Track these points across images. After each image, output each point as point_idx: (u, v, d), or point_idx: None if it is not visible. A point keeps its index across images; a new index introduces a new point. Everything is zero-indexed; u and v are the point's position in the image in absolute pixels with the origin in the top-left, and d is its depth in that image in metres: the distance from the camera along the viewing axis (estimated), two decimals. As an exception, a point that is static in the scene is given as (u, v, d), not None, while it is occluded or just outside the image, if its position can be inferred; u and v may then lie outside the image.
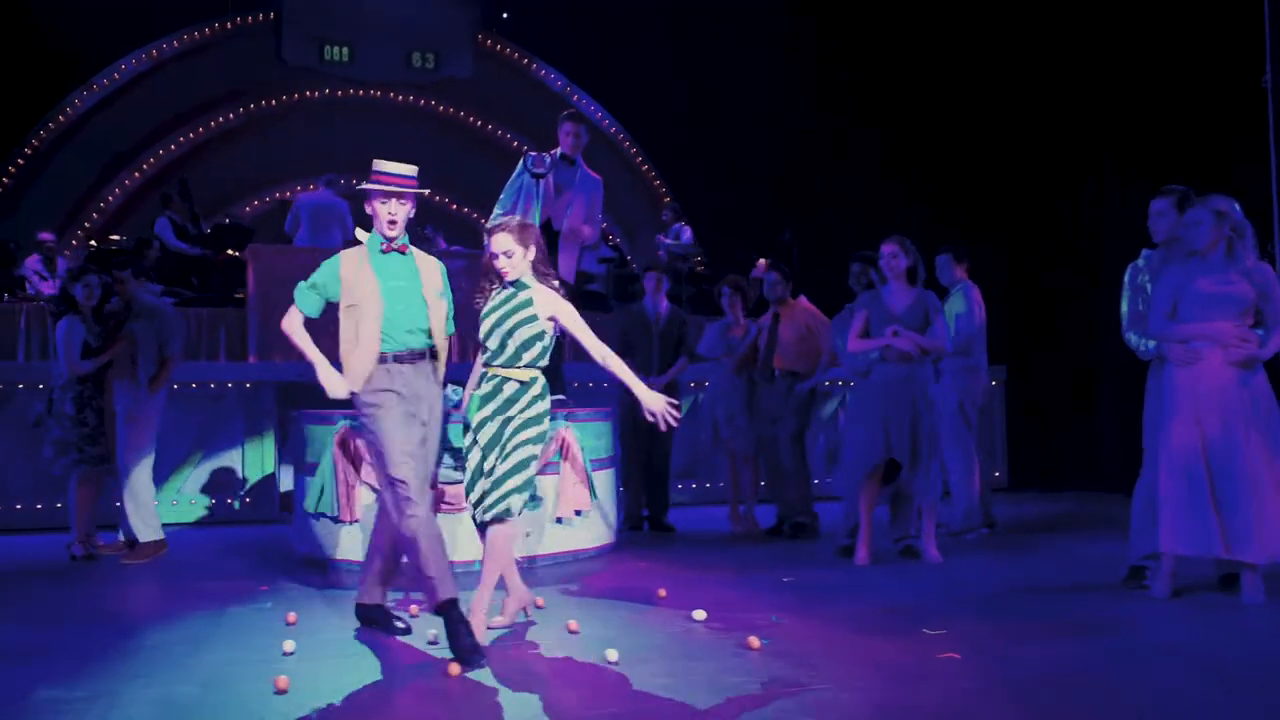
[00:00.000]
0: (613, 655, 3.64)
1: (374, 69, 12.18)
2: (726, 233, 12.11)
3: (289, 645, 3.87)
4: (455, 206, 12.58)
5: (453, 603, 3.78)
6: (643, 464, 7.17)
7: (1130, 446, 8.82)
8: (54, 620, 4.58)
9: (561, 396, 6.36)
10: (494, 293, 4.11)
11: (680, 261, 11.26)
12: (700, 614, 4.27)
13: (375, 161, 4.05)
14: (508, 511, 4.03)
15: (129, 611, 4.90)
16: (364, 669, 3.66)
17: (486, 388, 4.07)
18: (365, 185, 3.98)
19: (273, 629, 4.27)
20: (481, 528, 4.15)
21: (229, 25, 11.95)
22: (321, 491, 5.73)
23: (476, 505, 4.10)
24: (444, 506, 5.64)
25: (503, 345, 4.02)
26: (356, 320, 3.94)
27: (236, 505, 8.16)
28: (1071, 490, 9.04)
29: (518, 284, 4.06)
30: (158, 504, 6.48)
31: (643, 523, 7.21)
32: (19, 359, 8.51)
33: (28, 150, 11.34)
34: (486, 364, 4.11)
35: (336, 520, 5.70)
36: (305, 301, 4.09)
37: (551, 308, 4.03)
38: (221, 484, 8.10)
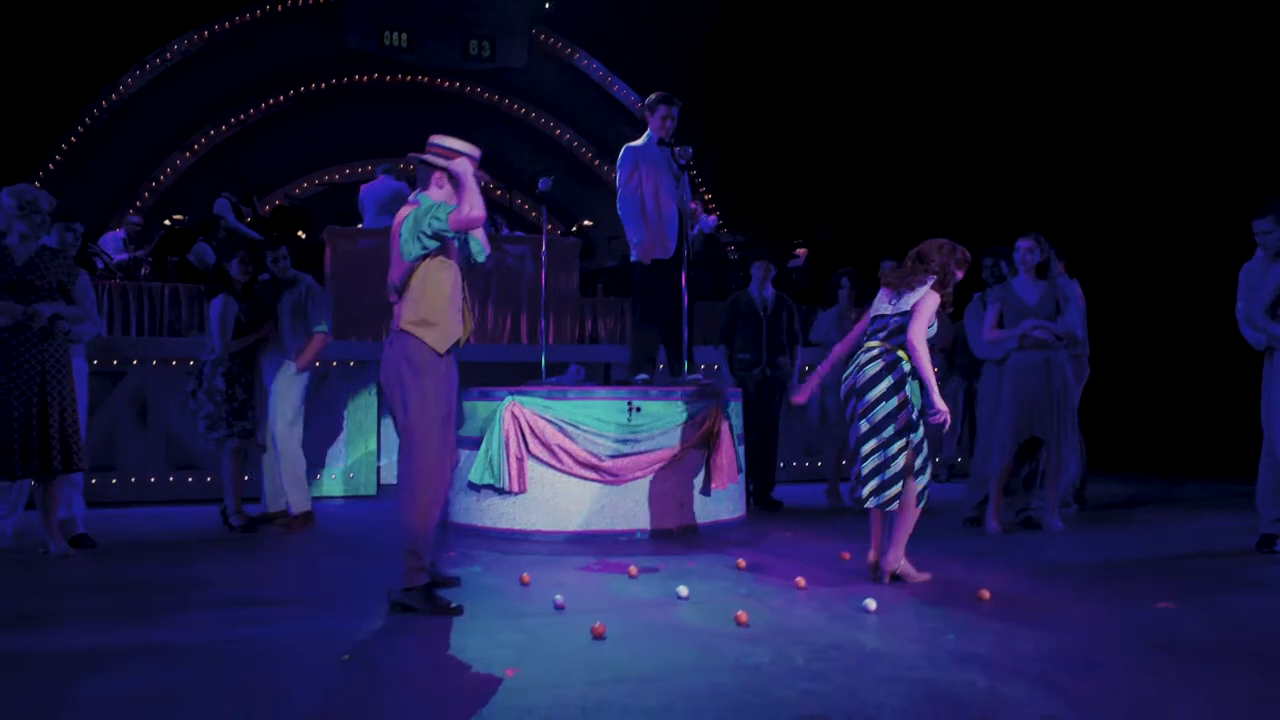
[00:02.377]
0: (871, 605, 4.05)
1: (432, 56, 12.36)
2: (761, 225, 12.54)
3: (560, 599, 4.19)
4: (500, 193, 12.83)
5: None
6: (751, 442, 7.57)
7: (1205, 433, 9.55)
8: (297, 580, 4.86)
9: (700, 376, 6.74)
10: None
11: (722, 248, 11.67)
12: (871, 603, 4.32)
13: (444, 139, 4.21)
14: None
15: (358, 575, 5.13)
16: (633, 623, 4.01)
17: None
18: (465, 152, 4.14)
19: (509, 590, 4.57)
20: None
21: (285, 6, 12.02)
22: (490, 464, 6.04)
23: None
24: (608, 479, 6.01)
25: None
26: (444, 277, 4.10)
27: (339, 482, 8.39)
28: (1139, 474, 9.61)
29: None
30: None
31: (749, 498, 7.61)
32: (103, 333, 8.62)
33: (80, 128, 11.33)
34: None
35: (503, 492, 6.02)
36: (441, 210, 4.04)
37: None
38: (324, 461, 8.31)
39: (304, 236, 10.51)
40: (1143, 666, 3.26)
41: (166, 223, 10.09)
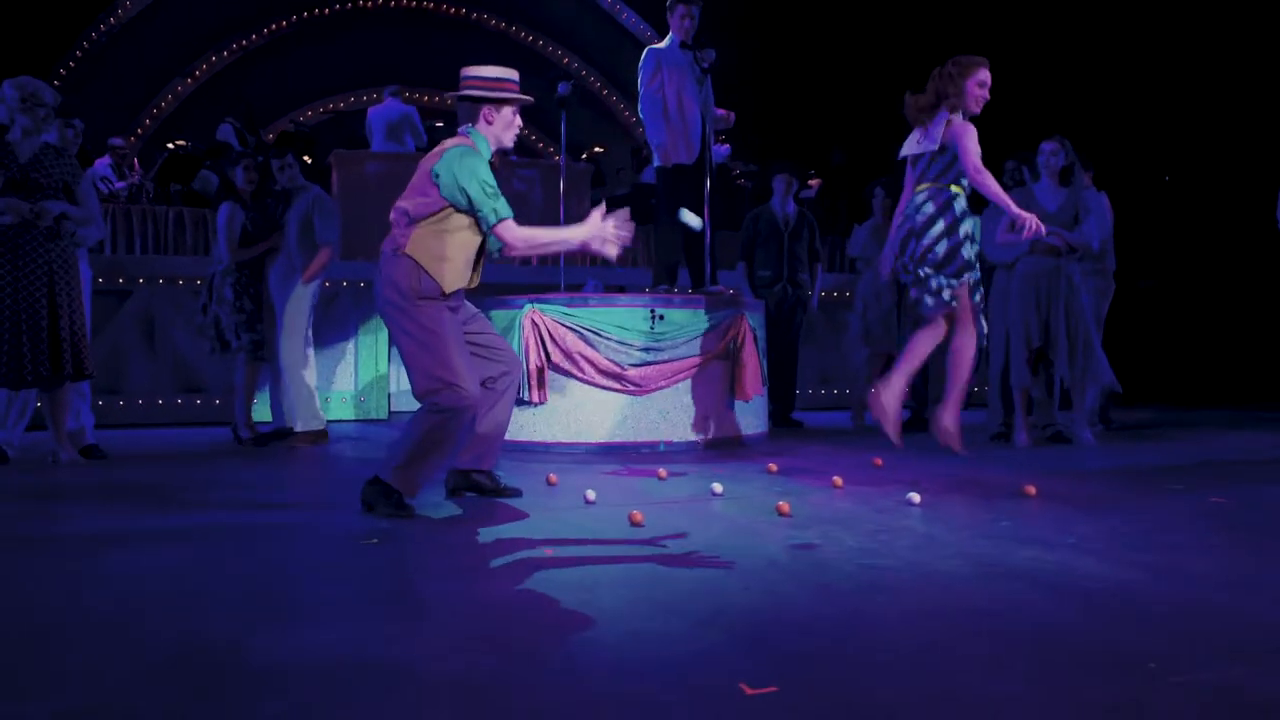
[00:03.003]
0: (916, 498, 3.90)
1: (438, -21, 12.03)
2: (775, 152, 12.28)
3: (591, 494, 4.05)
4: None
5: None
6: (771, 360, 7.40)
7: (1225, 366, 9.41)
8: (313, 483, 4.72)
9: (723, 287, 6.56)
10: None
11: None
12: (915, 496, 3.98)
13: (482, 70, 3.86)
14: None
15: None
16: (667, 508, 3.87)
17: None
18: (497, 96, 3.80)
19: (535, 489, 4.42)
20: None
21: (287, -71, 11.68)
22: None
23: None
24: (631, 389, 5.85)
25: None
26: (464, 223, 3.74)
27: (350, 405, 8.24)
28: (1161, 404, 9.47)
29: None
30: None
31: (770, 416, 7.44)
32: (107, 254, 8.42)
33: (78, 53, 11.03)
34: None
35: (523, 402, 5.86)
36: (497, 203, 3.74)
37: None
38: (335, 382, 8.15)
39: (310, 161, 10.27)
40: (1209, 544, 3.11)
41: (169, 146, 9.84)
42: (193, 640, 2.10)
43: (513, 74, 3.95)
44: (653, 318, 5.92)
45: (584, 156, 11.62)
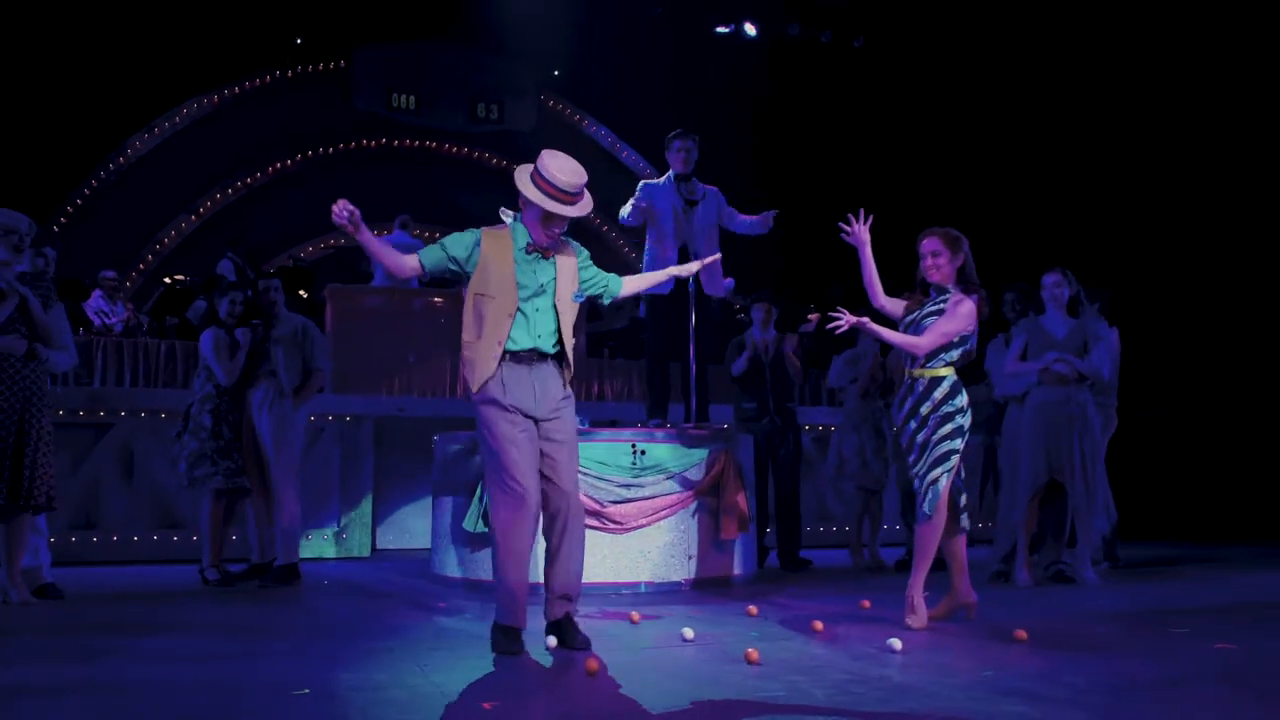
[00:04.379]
0: (897, 644, 3.64)
1: (439, 118, 12.34)
2: (774, 286, 12.32)
3: (552, 640, 3.79)
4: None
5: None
6: (763, 499, 7.15)
7: (1222, 498, 9.14)
8: (260, 631, 4.48)
9: (723, 426, 6.41)
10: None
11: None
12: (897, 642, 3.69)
13: (546, 159, 3.79)
14: (929, 504, 4.21)
15: (354, 623, 4.76)
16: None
17: (903, 393, 4.36)
18: (535, 192, 3.71)
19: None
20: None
21: (294, 72, 12.07)
22: (484, 512, 5.66)
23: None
24: (611, 526, 5.63)
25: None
26: (484, 313, 3.75)
27: (330, 543, 8.00)
28: (1173, 539, 9.15)
29: (939, 289, 4.33)
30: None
31: (766, 557, 7.15)
32: (95, 384, 8.37)
33: (87, 190, 11.27)
34: (907, 369, 4.35)
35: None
36: (429, 255, 3.83)
37: (953, 308, 4.26)
38: (317, 520, 7.93)
39: (305, 295, 10.33)
40: (1213, 698, 2.84)
41: (166, 280, 9.92)
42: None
43: (571, 182, 3.74)
44: (634, 453, 5.75)
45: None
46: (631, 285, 4.22)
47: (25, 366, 4.96)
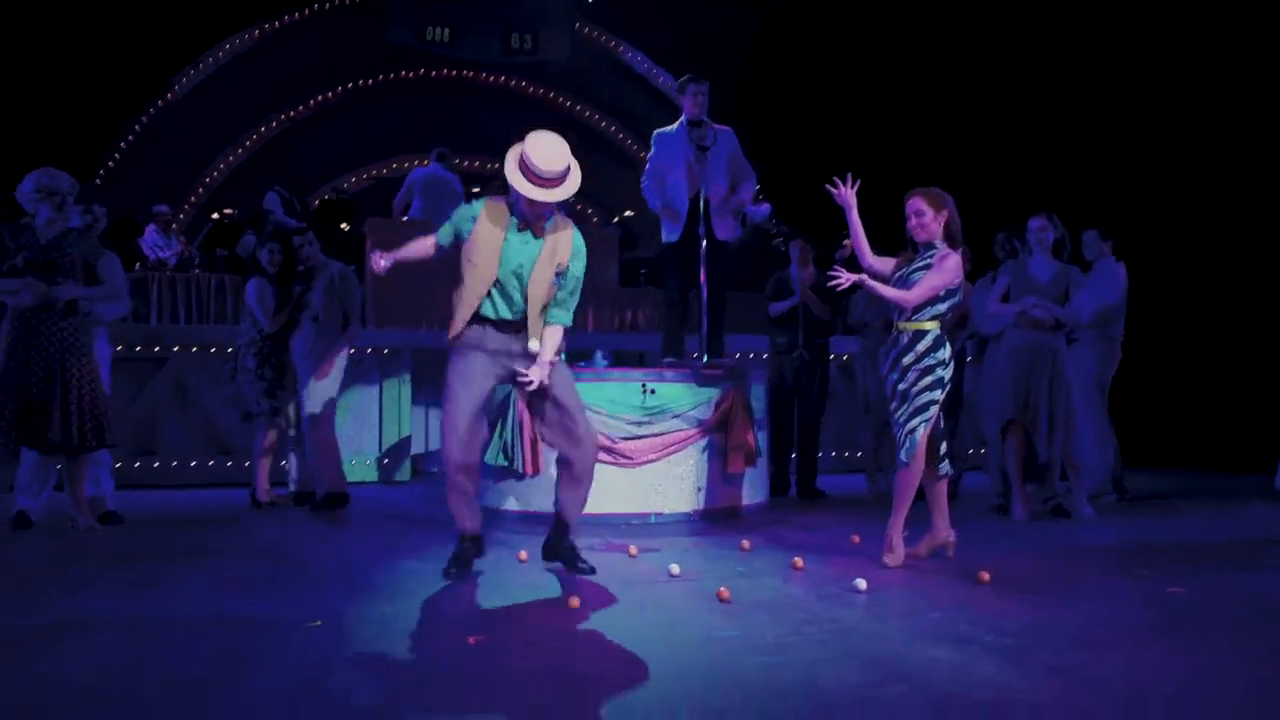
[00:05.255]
0: (862, 584, 3.93)
1: (474, 50, 12.46)
2: (810, 215, 12.36)
3: (523, 554, 4.16)
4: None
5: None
6: (788, 429, 7.43)
7: (1235, 427, 9.18)
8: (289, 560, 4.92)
9: (729, 361, 6.66)
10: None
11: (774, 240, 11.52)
12: (862, 582, 3.97)
13: (530, 141, 4.02)
14: (907, 453, 4.42)
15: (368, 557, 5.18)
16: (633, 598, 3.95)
17: (888, 347, 4.55)
18: (519, 179, 3.98)
19: (502, 565, 4.56)
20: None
21: (332, 4, 12.24)
22: (504, 446, 6.04)
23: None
24: (622, 461, 5.96)
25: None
26: (466, 278, 4.15)
27: (373, 468, 8.48)
28: (1175, 467, 9.28)
29: (927, 246, 4.48)
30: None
31: (788, 487, 7.46)
32: (151, 322, 8.87)
33: (137, 127, 11.67)
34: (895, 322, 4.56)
35: (518, 475, 6.01)
36: (442, 234, 4.27)
37: (940, 263, 4.41)
38: (359, 447, 8.40)
39: (347, 228, 10.68)
40: (1128, 642, 3.09)
41: (215, 216, 10.33)
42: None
43: (551, 170, 4.01)
44: (644, 392, 6.04)
45: (615, 220, 11.87)
46: (553, 338, 4.27)
47: (64, 318, 5.36)
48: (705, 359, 6.52)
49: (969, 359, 6.96)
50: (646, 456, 5.99)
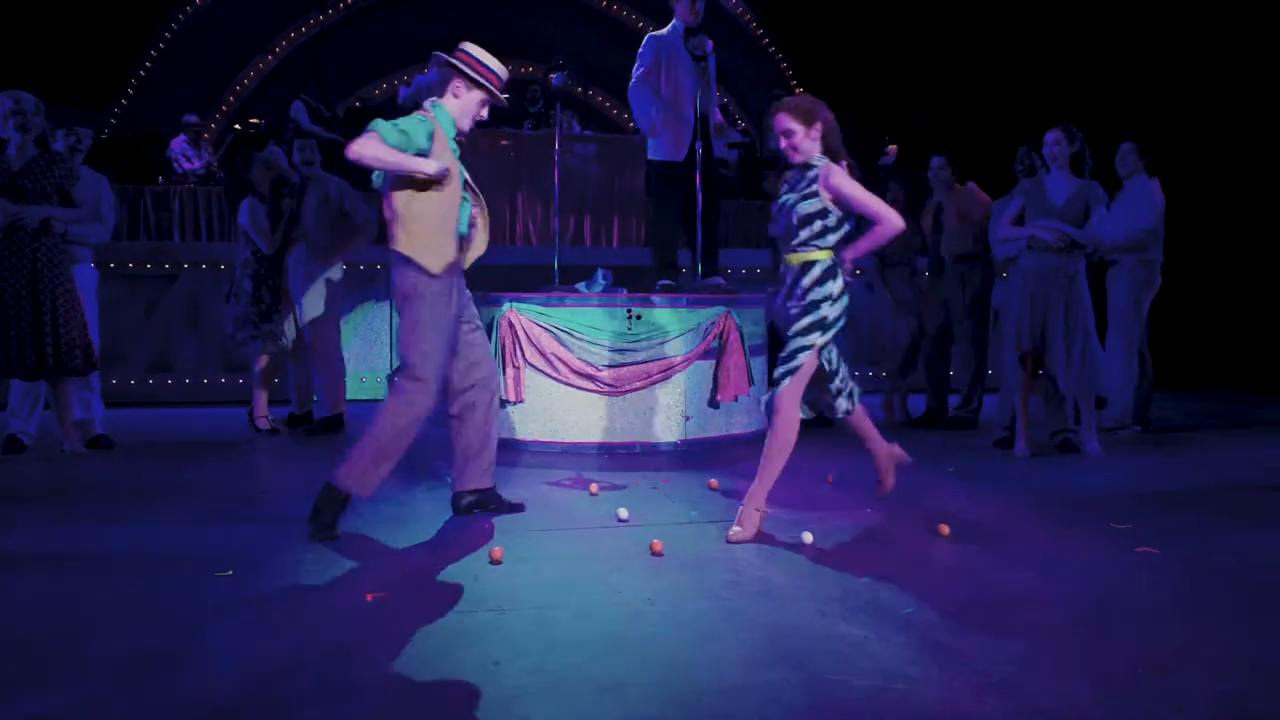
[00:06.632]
0: (808, 538, 3.74)
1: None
2: (850, 119, 11.79)
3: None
4: (580, 90, 12.48)
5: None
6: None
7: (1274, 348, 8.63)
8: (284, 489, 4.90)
9: (721, 280, 6.40)
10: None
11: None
12: (808, 536, 3.78)
13: (475, 49, 3.94)
14: (766, 409, 3.92)
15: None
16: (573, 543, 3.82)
17: (777, 285, 3.98)
18: (473, 75, 3.88)
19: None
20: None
21: (356, -96, 11.84)
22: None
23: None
24: (605, 389, 5.79)
25: (785, 231, 3.85)
26: (440, 197, 3.85)
27: (385, 385, 8.46)
28: (1210, 389, 8.81)
29: (805, 166, 3.85)
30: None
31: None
32: (175, 239, 8.89)
33: (167, 34, 11.52)
34: (780, 253, 4.01)
35: (502, 401, 5.89)
36: (391, 136, 3.71)
37: (834, 183, 3.76)
38: (370, 364, 8.39)
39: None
40: (1057, 619, 2.85)
41: (236, 127, 10.23)
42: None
43: (503, 72, 4.01)
44: (629, 318, 5.83)
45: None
46: None
47: (36, 240, 5.30)
48: (700, 275, 6.26)
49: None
50: (630, 385, 5.81)
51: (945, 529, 3.83)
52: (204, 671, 2.47)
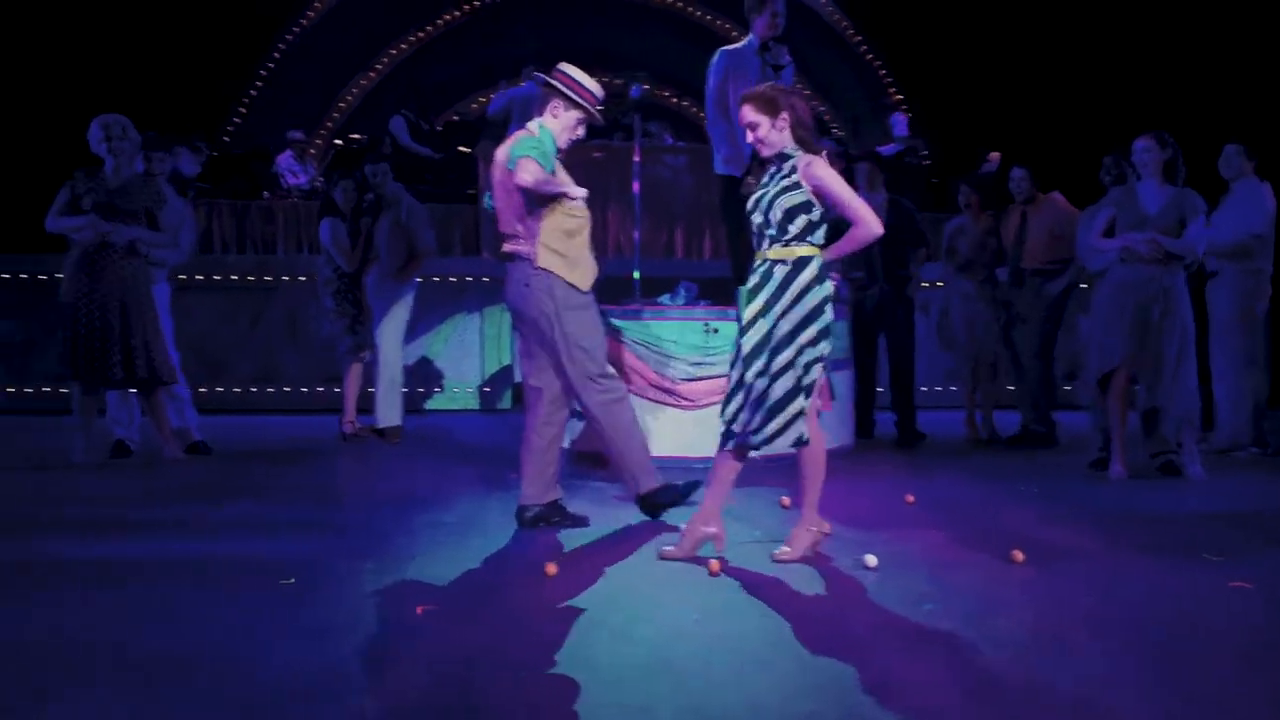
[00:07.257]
0: (871, 561, 3.61)
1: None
2: (954, 125, 11.48)
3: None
4: (675, 100, 12.50)
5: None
6: (871, 368, 6.98)
7: None
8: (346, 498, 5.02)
9: None
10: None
11: (907, 157, 10.77)
12: (872, 559, 3.59)
13: (572, 70, 4.11)
14: (799, 441, 3.72)
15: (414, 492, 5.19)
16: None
17: (754, 279, 3.65)
18: (572, 96, 4.03)
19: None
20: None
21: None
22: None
23: (733, 423, 3.81)
24: (683, 403, 5.74)
25: (767, 223, 3.60)
26: (575, 217, 4.09)
27: (474, 396, 8.60)
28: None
29: (780, 157, 3.66)
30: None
31: (873, 429, 7.04)
32: (279, 253, 9.20)
33: (276, 54, 11.98)
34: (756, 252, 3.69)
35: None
36: (544, 162, 3.95)
37: (815, 174, 3.56)
38: (461, 375, 8.53)
39: (470, 151, 10.69)
40: (1093, 651, 2.67)
41: (338, 143, 10.56)
42: None
43: (600, 91, 4.15)
44: (707, 331, 5.77)
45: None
46: None
47: (125, 259, 5.57)
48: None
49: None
50: (708, 399, 5.73)
51: (1020, 555, 3.65)
52: (228, 675, 2.51)
